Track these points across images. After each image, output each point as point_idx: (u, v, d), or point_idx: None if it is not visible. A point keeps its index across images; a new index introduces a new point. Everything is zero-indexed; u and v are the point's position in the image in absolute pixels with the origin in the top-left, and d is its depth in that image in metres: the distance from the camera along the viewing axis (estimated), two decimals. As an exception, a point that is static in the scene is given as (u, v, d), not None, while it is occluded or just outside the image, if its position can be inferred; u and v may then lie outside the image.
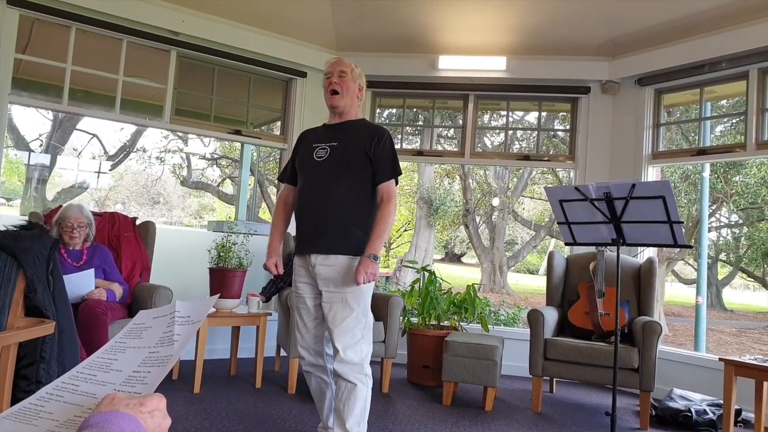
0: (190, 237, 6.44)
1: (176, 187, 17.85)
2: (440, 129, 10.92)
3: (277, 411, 3.16)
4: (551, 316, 3.76)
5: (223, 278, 3.58)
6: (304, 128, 2.65)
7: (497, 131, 11.37)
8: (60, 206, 3.38)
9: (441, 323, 4.22)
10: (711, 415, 3.30)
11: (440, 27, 4.60)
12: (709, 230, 11.91)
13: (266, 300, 3.93)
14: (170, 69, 4.31)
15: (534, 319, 3.60)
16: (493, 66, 4.73)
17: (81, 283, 3.02)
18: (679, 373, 3.98)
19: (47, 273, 1.81)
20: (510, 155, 5.99)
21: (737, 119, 8.70)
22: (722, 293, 13.73)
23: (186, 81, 4.50)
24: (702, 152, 4.42)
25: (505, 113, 5.44)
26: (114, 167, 15.06)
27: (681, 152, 4.86)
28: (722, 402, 3.16)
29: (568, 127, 5.04)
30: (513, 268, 16.07)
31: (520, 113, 10.96)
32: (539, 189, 14.87)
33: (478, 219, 14.57)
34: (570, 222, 2.87)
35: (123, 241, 3.60)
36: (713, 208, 11.49)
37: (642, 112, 4.52)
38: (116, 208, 16.69)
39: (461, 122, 5.08)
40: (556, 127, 9.92)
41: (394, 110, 8.37)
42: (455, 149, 5.52)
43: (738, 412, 3.31)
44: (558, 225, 2.97)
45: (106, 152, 14.43)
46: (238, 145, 9.39)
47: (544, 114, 5.60)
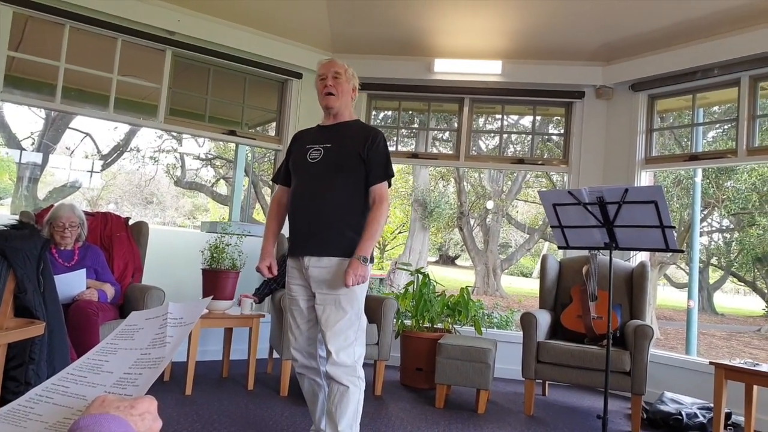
0: (183, 238, 6.42)
1: (170, 187, 17.78)
2: (435, 132, 10.93)
3: (269, 413, 3.15)
4: (544, 319, 3.77)
5: (216, 279, 3.57)
6: (299, 129, 2.64)
7: (492, 134, 11.40)
8: (51, 205, 3.36)
9: (434, 326, 4.22)
10: (701, 419, 3.32)
11: (436, 30, 4.61)
12: (701, 235, 11.99)
13: (259, 301, 3.92)
14: (165, 68, 4.29)
15: (527, 322, 3.61)
16: (489, 70, 4.75)
17: (72, 284, 3.00)
18: (671, 377, 4.00)
19: (38, 273, 1.80)
20: (504, 159, 6.01)
21: (729, 125, 8.77)
22: (713, 297, 13.82)
23: (181, 81, 4.48)
24: (694, 158, 4.45)
25: (500, 117, 5.46)
26: (106, 167, 14.98)
27: (673, 157, 4.89)
28: (713, 405, 3.18)
29: (563, 132, 5.06)
30: (507, 271, 16.11)
31: (515, 117, 10.98)
32: (533, 192, 14.92)
33: (473, 222, 14.59)
34: (563, 226, 2.88)
35: (115, 242, 3.58)
36: (705, 213, 11.58)
37: (635, 118, 4.55)
38: (109, 208, 16.59)
39: (456, 125, 5.09)
40: (551, 131, 9.96)
41: (390, 112, 8.38)
42: (450, 152, 5.53)
43: (728, 416, 3.33)
44: (551, 229, 2.98)
45: (99, 151, 14.36)
46: (233, 146, 9.37)
47: (539, 118, 5.62)
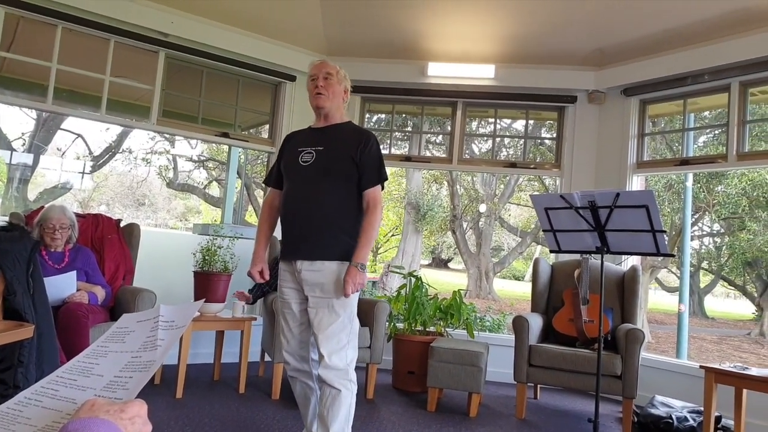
0: (175, 240, 6.39)
1: (162, 189, 17.70)
2: (429, 135, 10.97)
3: (261, 416, 3.14)
4: (536, 323, 3.78)
5: (208, 282, 3.56)
6: (291, 131, 2.63)
7: (485, 138, 11.44)
8: (42, 207, 3.33)
9: (427, 329, 4.22)
10: (692, 422, 3.34)
11: (430, 34, 4.62)
12: (692, 239, 12.09)
13: (252, 302, 3.91)
14: (158, 70, 4.28)
15: (519, 326, 3.62)
16: (482, 74, 4.76)
17: (62, 286, 2.98)
18: (661, 380, 4.02)
19: (27, 275, 1.78)
20: (497, 162, 6.03)
21: (719, 130, 8.84)
22: (704, 301, 13.92)
23: (174, 82, 4.47)
24: (685, 162, 4.48)
25: (493, 121, 5.48)
26: (96, 169, 14.87)
27: (665, 162, 4.93)
28: (702, 409, 3.20)
29: (555, 136, 5.09)
30: (499, 274, 16.15)
31: (508, 121, 11.04)
32: (526, 196, 14.98)
33: (465, 225, 14.62)
34: (555, 230, 2.90)
35: (106, 243, 3.55)
36: (696, 217, 11.67)
37: (627, 122, 4.58)
38: (100, 210, 16.50)
39: (449, 129, 5.10)
40: (543, 135, 10.01)
41: (383, 116, 8.39)
42: (443, 155, 5.54)
43: (718, 419, 3.35)
44: (543, 232, 2.99)
45: (91, 152, 14.27)
46: (226, 148, 9.35)
47: (531, 122, 5.65)
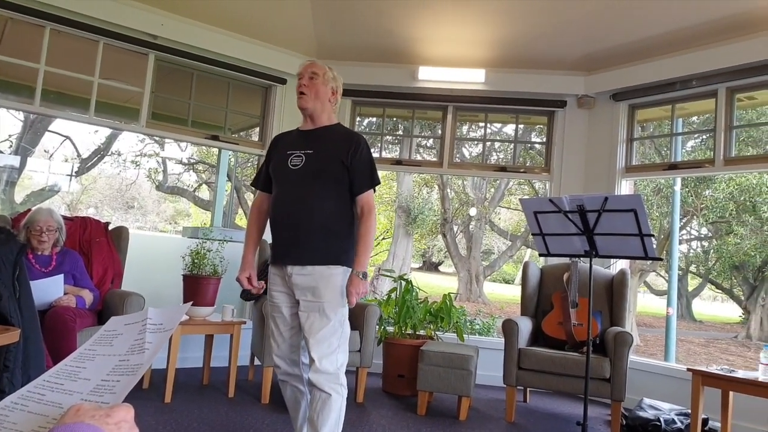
0: (165, 243, 6.35)
1: (151, 192, 17.58)
2: (419, 139, 11.00)
3: (250, 421, 3.12)
4: (525, 326, 3.80)
5: (197, 285, 3.54)
6: (279, 132, 2.60)
7: (475, 142, 11.48)
8: (29, 210, 3.30)
9: (417, 332, 4.22)
10: (679, 425, 3.36)
11: (420, 38, 4.64)
12: (680, 243, 12.20)
13: (248, 299, 3.92)
14: (148, 72, 4.25)
15: (508, 329, 3.63)
16: (472, 78, 4.79)
17: (49, 289, 2.95)
18: (650, 383, 4.05)
19: (13, 279, 1.76)
20: (487, 166, 6.06)
21: (707, 135, 8.95)
22: (692, 304, 14.04)
23: (164, 85, 4.44)
24: (673, 167, 4.53)
25: (483, 125, 5.51)
26: (81, 172, 14.71)
27: (653, 166, 4.98)
28: (690, 411, 3.23)
29: (545, 140, 5.12)
30: (489, 278, 16.19)
31: (498, 125, 11.09)
32: (516, 200, 15.05)
33: (456, 228, 14.66)
34: (544, 233, 2.91)
35: (94, 247, 3.52)
36: (684, 222, 11.78)
37: (616, 127, 4.62)
38: (89, 213, 16.36)
39: (440, 132, 5.12)
40: (533, 140, 10.08)
41: (374, 119, 8.40)
42: (434, 159, 5.56)
43: (705, 422, 3.38)
44: (533, 236, 3.01)
45: (79, 155, 14.15)
46: (216, 151, 9.31)
47: (521, 126, 5.68)
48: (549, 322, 3.89)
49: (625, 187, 4.66)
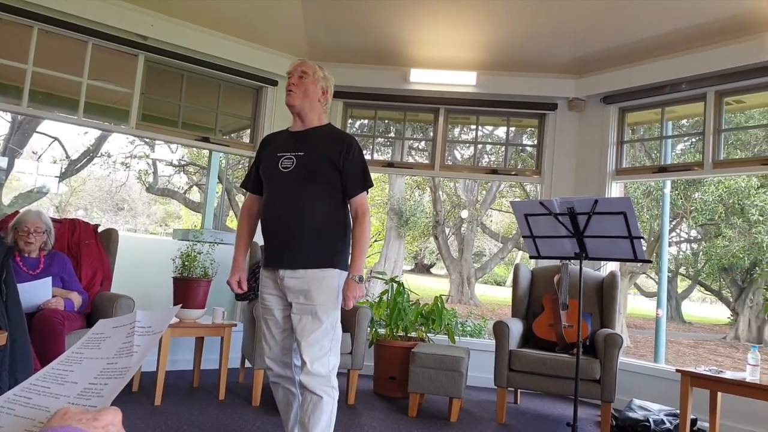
0: (155, 245, 6.31)
1: (141, 194, 17.47)
2: (411, 141, 11.02)
3: (241, 423, 3.10)
4: (516, 328, 3.81)
5: (188, 288, 3.51)
6: (269, 133, 2.58)
7: (467, 145, 11.52)
8: (17, 212, 3.27)
9: (408, 334, 4.22)
10: (668, 425, 3.39)
11: (412, 41, 4.65)
12: (670, 245, 12.30)
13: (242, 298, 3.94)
14: (137, 73, 4.23)
15: (499, 331, 3.64)
16: (464, 81, 4.80)
17: (37, 292, 2.92)
18: (639, 384, 4.07)
19: (0, 281, 1.75)
20: (479, 169, 6.08)
21: (696, 138, 9.03)
22: (681, 306, 14.15)
23: (154, 86, 4.42)
24: (663, 170, 4.57)
25: (475, 127, 5.53)
26: (70, 174, 14.59)
27: (643, 169, 5.02)
28: (679, 412, 3.25)
29: (536, 143, 5.14)
30: (481, 280, 16.24)
31: (489, 128, 11.14)
32: (507, 202, 15.11)
33: (448, 230, 14.69)
34: (535, 236, 2.93)
35: (83, 249, 3.49)
36: (674, 224, 11.87)
37: (606, 130, 4.66)
38: (78, 214, 16.23)
39: (432, 135, 5.13)
40: (524, 142, 10.13)
41: (366, 121, 8.40)
42: (426, 161, 5.57)
43: (693, 422, 3.40)
44: (523, 239, 3.02)
45: (68, 156, 14.03)
46: (206, 152, 9.27)
47: (513, 129, 5.71)
48: (540, 324, 3.91)
49: (616, 190, 4.69)
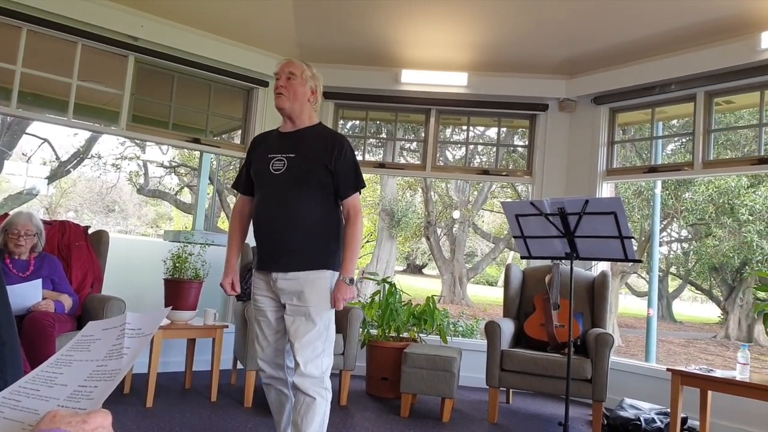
0: (146, 247, 6.28)
1: (132, 196, 17.37)
2: (403, 142, 11.03)
3: (233, 425, 3.09)
4: (508, 328, 3.82)
5: (179, 289, 3.50)
6: (258, 134, 2.56)
7: (458, 145, 11.55)
8: (6, 214, 3.25)
9: (400, 335, 4.23)
10: (659, 424, 3.41)
11: (403, 41, 4.66)
12: (661, 245, 12.40)
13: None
14: (128, 74, 4.20)
15: (491, 331, 3.65)
16: (455, 81, 4.82)
17: (27, 294, 2.89)
18: (631, 383, 4.10)
19: (-11, 283, 1.73)
20: (470, 169, 6.09)
21: (686, 139, 9.11)
22: (672, 305, 14.26)
23: (144, 87, 4.39)
24: (653, 170, 4.60)
25: (466, 128, 5.54)
26: (60, 175, 14.48)
27: (634, 169, 5.05)
28: (670, 410, 3.28)
29: (527, 143, 5.17)
30: (472, 280, 16.28)
31: (481, 128, 11.18)
32: (498, 202, 15.16)
33: (440, 231, 14.72)
34: (526, 236, 2.94)
35: (74, 251, 3.47)
36: (664, 224, 11.97)
37: (597, 130, 4.68)
38: (68, 216, 16.10)
39: (423, 136, 5.14)
40: (515, 143, 10.17)
41: (357, 122, 8.40)
42: (417, 162, 5.58)
43: (684, 421, 3.43)
44: (514, 239, 3.03)
45: (58, 158, 13.92)
46: (197, 154, 9.23)
47: (504, 129, 5.73)
48: (531, 324, 3.92)
49: (606, 190, 4.72)
